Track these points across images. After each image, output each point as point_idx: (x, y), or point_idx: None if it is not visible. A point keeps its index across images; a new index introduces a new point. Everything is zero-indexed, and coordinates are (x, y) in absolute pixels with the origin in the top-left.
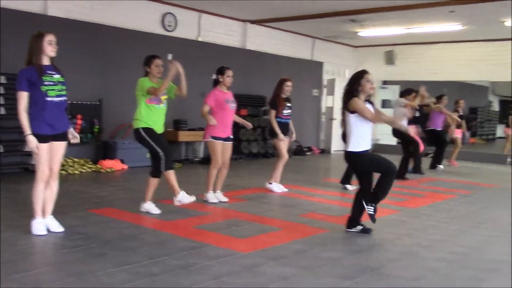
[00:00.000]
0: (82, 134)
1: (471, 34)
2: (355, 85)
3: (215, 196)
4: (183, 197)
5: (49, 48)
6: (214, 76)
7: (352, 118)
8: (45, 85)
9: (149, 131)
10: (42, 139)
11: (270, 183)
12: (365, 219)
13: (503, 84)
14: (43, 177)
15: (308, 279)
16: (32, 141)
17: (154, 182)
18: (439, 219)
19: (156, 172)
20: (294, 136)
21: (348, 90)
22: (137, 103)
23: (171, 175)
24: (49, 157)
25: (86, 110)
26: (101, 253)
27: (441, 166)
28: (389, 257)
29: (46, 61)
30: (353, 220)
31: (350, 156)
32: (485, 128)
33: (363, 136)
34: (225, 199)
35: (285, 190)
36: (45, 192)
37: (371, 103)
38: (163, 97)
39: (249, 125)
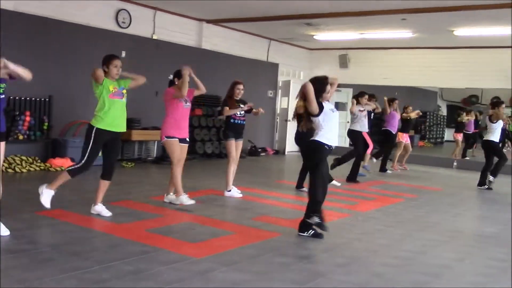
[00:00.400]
0: (30, 131)
1: (421, 41)
2: (321, 89)
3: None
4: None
5: None
6: (170, 77)
7: (320, 117)
8: None
9: (99, 134)
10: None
11: (229, 191)
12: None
13: (451, 90)
14: None
15: (259, 285)
16: None
17: (105, 184)
18: (386, 223)
19: (106, 174)
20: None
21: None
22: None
23: (65, 177)
24: None
25: (36, 107)
26: (49, 258)
27: (388, 171)
28: (338, 262)
29: None
30: (305, 224)
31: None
32: (433, 132)
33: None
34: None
35: (240, 195)
36: None
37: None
38: (124, 91)
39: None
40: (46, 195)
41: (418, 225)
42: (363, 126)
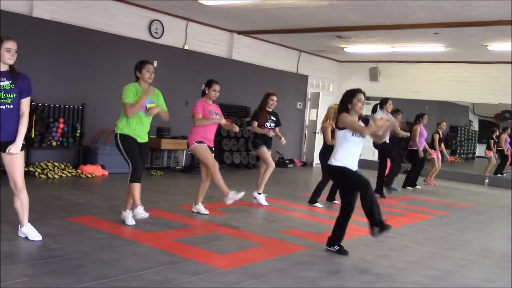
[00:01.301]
0: (63, 138)
1: (453, 55)
2: (346, 102)
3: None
4: (132, 215)
5: (6, 56)
6: (202, 87)
7: (341, 134)
8: None
9: (125, 139)
10: None
11: (259, 193)
12: (347, 237)
13: (483, 104)
14: None
15: None
16: None
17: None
18: (415, 240)
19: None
20: (290, 135)
21: (339, 107)
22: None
23: (135, 188)
24: None
25: (69, 114)
26: (79, 265)
27: (418, 186)
28: (366, 279)
29: (3, 68)
30: (333, 238)
31: (330, 170)
32: (464, 147)
33: (351, 152)
34: (206, 212)
35: (266, 203)
36: (16, 204)
37: (365, 120)
38: (150, 105)
39: (235, 126)
40: (128, 217)
41: (447, 243)
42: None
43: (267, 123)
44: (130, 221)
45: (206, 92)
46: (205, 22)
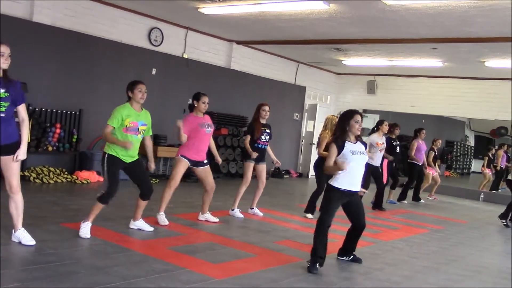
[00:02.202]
0: (59, 143)
1: (450, 71)
2: (344, 124)
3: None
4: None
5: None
6: (189, 101)
7: (340, 157)
8: None
9: (111, 160)
10: None
11: (232, 210)
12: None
13: (479, 120)
14: None
15: None
16: None
17: (142, 203)
18: (410, 254)
19: (142, 194)
20: (277, 162)
21: (336, 129)
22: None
23: (99, 207)
24: None
25: (66, 119)
26: (72, 271)
27: (422, 200)
28: None
29: None
30: (345, 249)
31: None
32: (460, 162)
33: (351, 171)
34: (215, 219)
35: (261, 214)
36: (10, 206)
37: (363, 143)
38: (142, 127)
39: (218, 160)
40: (85, 228)
41: (442, 258)
42: (376, 160)
43: (262, 137)
44: (147, 227)
45: (195, 105)
46: (205, 31)
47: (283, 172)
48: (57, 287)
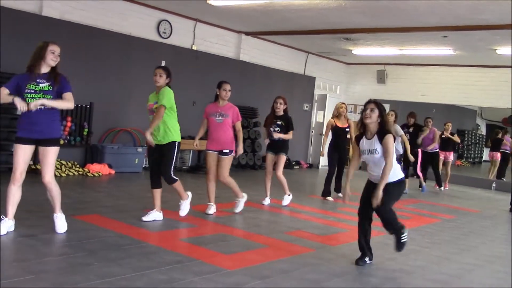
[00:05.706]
0: (71, 137)
1: (461, 59)
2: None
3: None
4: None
5: (50, 57)
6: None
7: None
8: (26, 93)
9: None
10: (16, 140)
11: (289, 195)
12: (353, 240)
13: (491, 109)
14: (13, 178)
15: None
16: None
17: (157, 192)
18: (422, 244)
19: (152, 183)
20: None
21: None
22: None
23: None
24: (22, 160)
25: (77, 113)
26: (85, 263)
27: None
28: (372, 282)
29: (44, 69)
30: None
31: None
32: (471, 151)
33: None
34: (210, 212)
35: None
36: (47, 195)
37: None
38: (155, 105)
39: (237, 151)
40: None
41: (454, 248)
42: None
43: (271, 128)
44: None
45: (218, 93)
46: (213, 23)
47: (293, 163)
48: (70, 279)
